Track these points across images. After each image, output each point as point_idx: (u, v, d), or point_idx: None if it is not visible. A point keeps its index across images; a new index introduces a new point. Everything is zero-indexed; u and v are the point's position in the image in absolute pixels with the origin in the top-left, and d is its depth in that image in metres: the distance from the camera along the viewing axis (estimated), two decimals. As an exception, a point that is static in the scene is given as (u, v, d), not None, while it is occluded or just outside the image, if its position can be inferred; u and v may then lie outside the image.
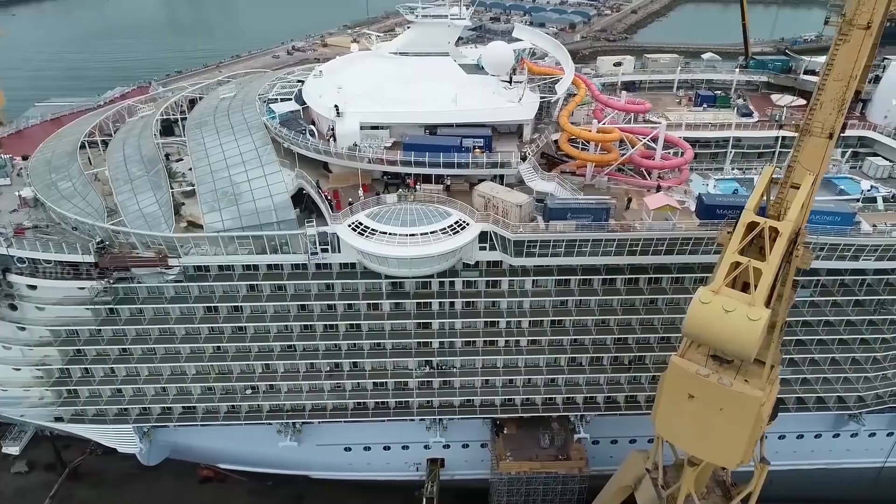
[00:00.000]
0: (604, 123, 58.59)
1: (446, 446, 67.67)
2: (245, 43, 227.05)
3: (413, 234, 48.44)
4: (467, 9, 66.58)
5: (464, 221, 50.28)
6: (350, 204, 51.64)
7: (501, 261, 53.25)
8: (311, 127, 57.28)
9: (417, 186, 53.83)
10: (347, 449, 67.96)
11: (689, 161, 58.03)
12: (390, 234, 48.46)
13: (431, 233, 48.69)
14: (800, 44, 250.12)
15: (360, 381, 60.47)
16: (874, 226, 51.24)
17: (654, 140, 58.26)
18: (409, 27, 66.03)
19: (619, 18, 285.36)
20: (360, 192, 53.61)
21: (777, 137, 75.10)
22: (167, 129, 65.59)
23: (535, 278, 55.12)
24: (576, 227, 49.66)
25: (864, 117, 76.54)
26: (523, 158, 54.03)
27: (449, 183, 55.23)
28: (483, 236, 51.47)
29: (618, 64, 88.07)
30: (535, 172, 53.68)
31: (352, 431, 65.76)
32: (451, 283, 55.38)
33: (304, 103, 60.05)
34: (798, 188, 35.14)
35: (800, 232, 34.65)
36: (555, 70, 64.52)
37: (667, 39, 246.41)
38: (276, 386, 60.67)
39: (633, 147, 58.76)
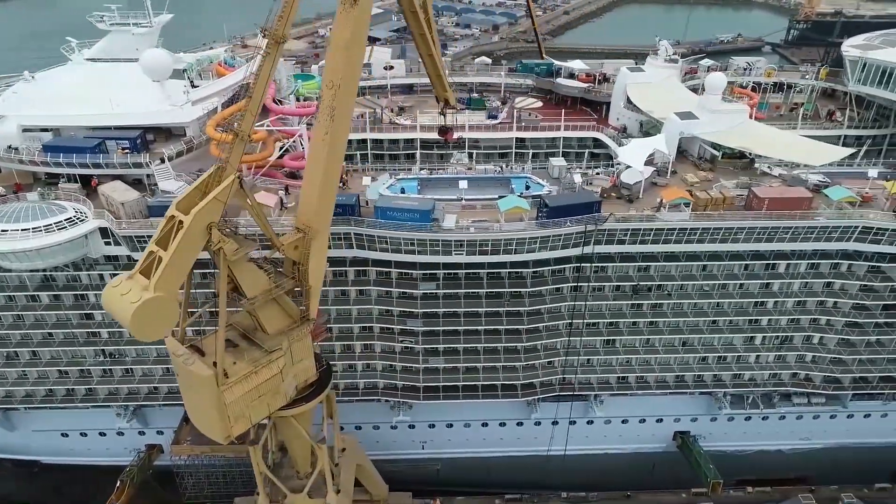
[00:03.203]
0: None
1: (160, 432, 71.40)
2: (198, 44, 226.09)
3: (14, 231, 51.89)
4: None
5: (78, 217, 53.82)
6: (-19, 202, 55.30)
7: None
8: (-21, 129, 60.85)
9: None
10: (65, 435, 71.52)
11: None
12: (-8, 230, 52.00)
13: (34, 229, 52.13)
14: (714, 45, 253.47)
15: (42, 369, 63.96)
16: (458, 222, 54.60)
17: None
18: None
19: (548, 20, 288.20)
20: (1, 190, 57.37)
21: (514, 138, 78.40)
22: None
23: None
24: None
25: (605, 120, 79.95)
26: (162, 161, 57.66)
27: (97, 182, 58.81)
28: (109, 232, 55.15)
29: (389, 67, 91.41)
30: (170, 172, 57.19)
31: (64, 418, 69.25)
32: (100, 276, 58.97)
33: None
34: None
35: (210, 225, 37.89)
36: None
37: (592, 41, 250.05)
38: (-36, 373, 64.39)
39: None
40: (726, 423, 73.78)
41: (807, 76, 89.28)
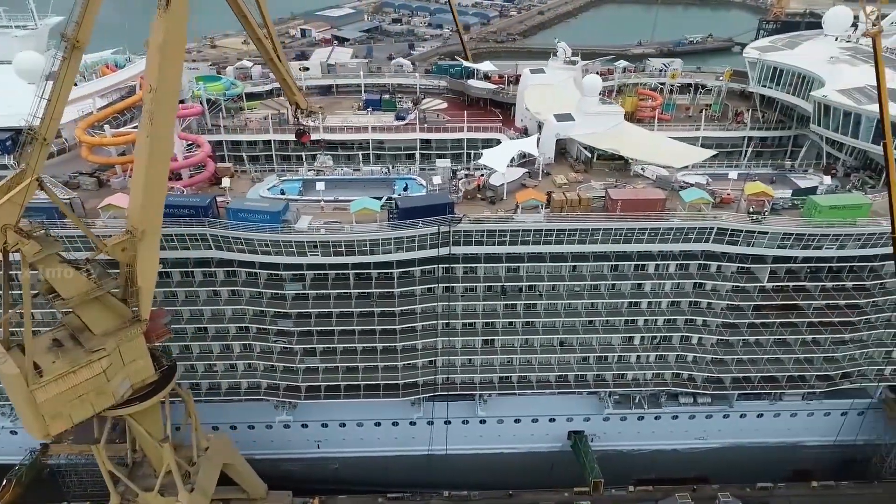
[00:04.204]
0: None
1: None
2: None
3: None
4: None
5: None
6: None
7: None
8: None
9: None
10: (-38, 433, 72.17)
11: (206, 156, 61.55)
12: None
13: None
14: (684, 45, 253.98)
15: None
16: (310, 224, 55.06)
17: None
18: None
19: (521, 20, 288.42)
20: None
21: (417, 139, 78.84)
22: None
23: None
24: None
25: (512, 122, 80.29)
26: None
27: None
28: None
29: (305, 69, 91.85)
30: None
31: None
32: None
33: None
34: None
35: (5, 227, 38.39)
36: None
37: (567, 41, 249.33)
38: None
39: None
40: (619, 423, 74.15)
41: (719, 78, 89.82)
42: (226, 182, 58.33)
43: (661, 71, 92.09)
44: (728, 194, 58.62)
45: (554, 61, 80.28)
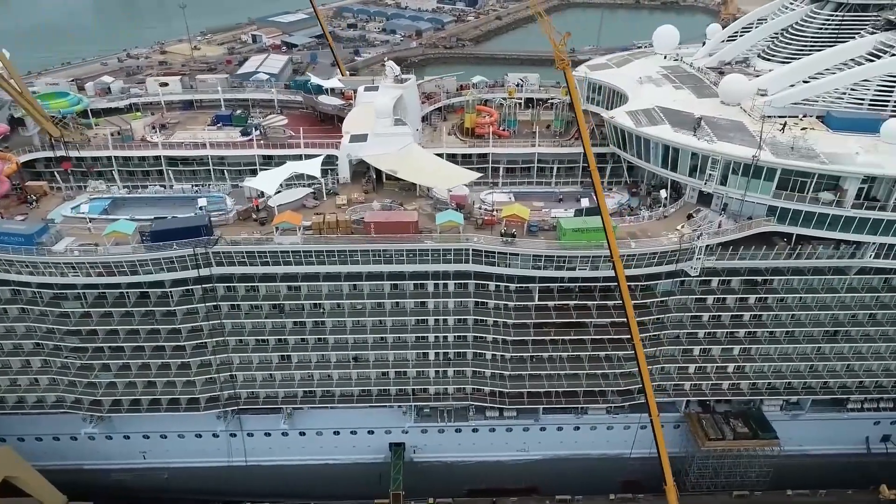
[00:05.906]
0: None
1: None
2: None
3: None
4: None
5: None
6: None
7: None
8: None
9: None
10: None
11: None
12: None
13: None
14: (631, 50, 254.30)
15: None
16: (68, 246, 56.71)
17: None
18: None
19: (476, 25, 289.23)
20: None
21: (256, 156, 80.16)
22: None
23: None
24: None
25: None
26: None
27: None
28: None
29: (164, 84, 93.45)
30: None
31: None
32: None
33: None
34: None
35: None
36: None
37: (521, 47, 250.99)
38: None
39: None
40: (439, 435, 75.42)
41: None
42: (-7, 203, 59.94)
43: (518, 85, 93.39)
44: (491, 216, 60.00)
45: (384, 80, 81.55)
